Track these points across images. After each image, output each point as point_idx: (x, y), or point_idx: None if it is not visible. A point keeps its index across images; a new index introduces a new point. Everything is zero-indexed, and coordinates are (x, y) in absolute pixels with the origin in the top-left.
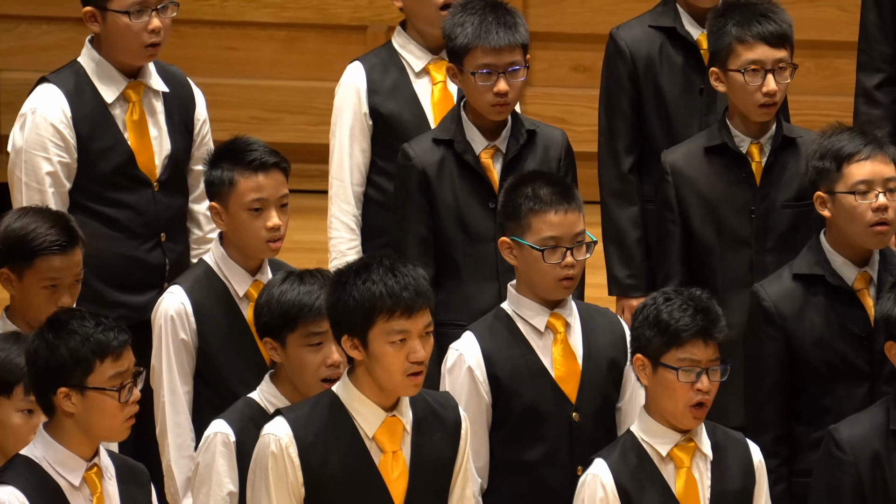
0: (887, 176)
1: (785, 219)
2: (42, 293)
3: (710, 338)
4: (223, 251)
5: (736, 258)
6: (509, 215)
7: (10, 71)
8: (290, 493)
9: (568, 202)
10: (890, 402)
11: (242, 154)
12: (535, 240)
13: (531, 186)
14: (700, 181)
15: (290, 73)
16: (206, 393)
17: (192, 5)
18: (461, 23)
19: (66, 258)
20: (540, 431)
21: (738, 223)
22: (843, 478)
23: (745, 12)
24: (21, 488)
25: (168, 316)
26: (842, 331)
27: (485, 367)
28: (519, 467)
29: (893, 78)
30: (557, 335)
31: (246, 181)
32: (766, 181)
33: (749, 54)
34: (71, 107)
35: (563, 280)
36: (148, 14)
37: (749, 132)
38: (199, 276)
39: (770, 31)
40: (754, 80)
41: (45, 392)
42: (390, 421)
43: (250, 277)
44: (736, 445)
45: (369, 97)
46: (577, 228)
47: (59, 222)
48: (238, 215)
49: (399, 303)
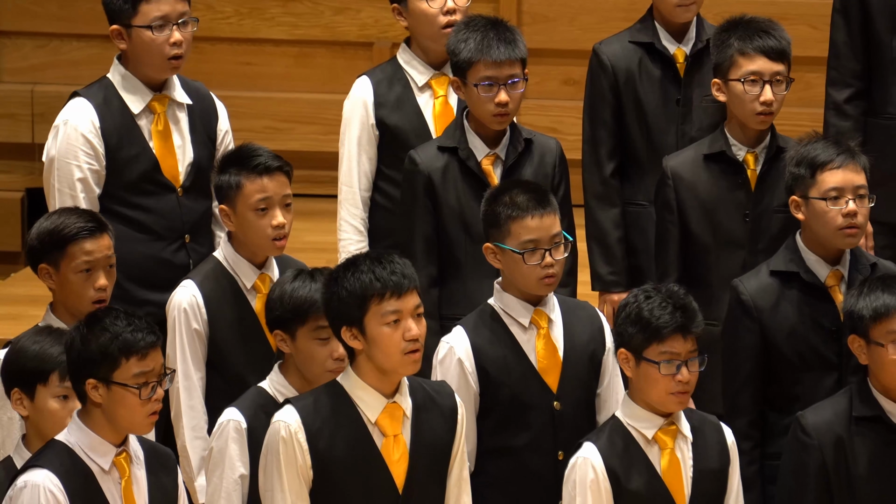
0: (857, 184)
1: (776, 222)
2: (78, 278)
3: (689, 332)
4: (232, 248)
5: (730, 258)
6: (491, 223)
7: (44, 84)
8: (300, 476)
9: (543, 207)
10: (853, 390)
11: (248, 160)
12: (516, 244)
13: (509, 195)
14: (698, 185)
15: (301, 87)
16: (216, 379)
17: (211, 23)
18: (464, 39)
19: (96, 241)
20: (524, 419)
21: (733, 225)
22: (809, 460)
23: (748, 27)
24: (55, 471)
25: (181, 308)
26: (813, 324)
27: (473, 359)
28: (504, 452)
29: (861, 92)
30: (540, 330)
31: (251, 184)
32: (760, 187)
33: (749, 65)
34: (100, 118)
35: (544, 279)
36: (169, 28)
37: (746, 141)
38: (209, 270)
39: (770, 45)
40: (753, 90)
41: (78, 381)
42: (391, 407)
43: (257, 271)
44: (711, 427)
45: (376, 109)
46: (554, 230)
47: (86, 213)
48: (245, 216)
49: (388, 285)
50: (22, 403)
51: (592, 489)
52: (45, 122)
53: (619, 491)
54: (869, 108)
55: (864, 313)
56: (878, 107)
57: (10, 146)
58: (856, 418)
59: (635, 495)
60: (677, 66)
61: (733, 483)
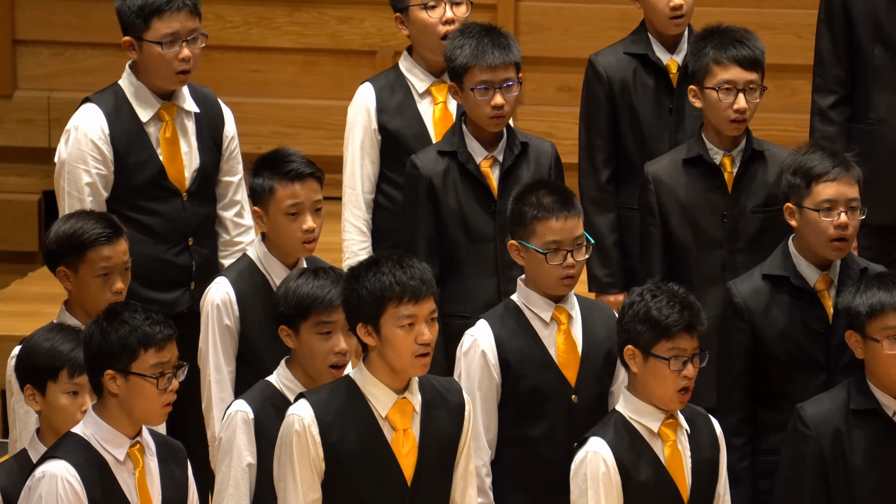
0: (850, 196)
1: (754, 223)
2: (96, 282)
3: (694, 330)
4: (265, 248)
5: (710, 258)
6: (516, 221)
7: (60, 91)
8: (313, 467)
9: (568, 210)
10: (851, 384)
11: (281, 165)
12: (539, 243)
13: (536, 195)
14: (678, 189)
15: (307, 93)
16: (245, 373)
17: (220, 33)
18: (460, 45)
19: (113, 247)
20: (542, 411)
21: (712, 226)
22: (807, 451)
23: (724, 37)
24: (72, 462)
25: (214, 304)
26: (803, 326)
27: (496, 351)
28: (522, 442)
29: (845, 98)
30: (561, 326)
31: (284, 189)
32: (736, 189)
33: (724, 74)
34: (109, 125)
35: (564, 279)
36: (179, 45)
37: (722, 145)
38: (243, 269)
39: (744, 55)
40: (727, 98)
41: (96, 373)
42: (401, 402)
43: (287, 270)
44: (703, 419)
45: (378, 115)
46: (577, 233)
47: (103, 218)
48: (277, 219)
49: (406, 290)
50: (34, 399)
51: (605, 482)
52: (61, 128)
53: (628, 483)
54: (852, 113)
55: (860, 310)
56: (861, 112)
57: (27, 150)
58: (853, 411)
59: (643, 486)
60: (670, 76)
61: (722, 471)
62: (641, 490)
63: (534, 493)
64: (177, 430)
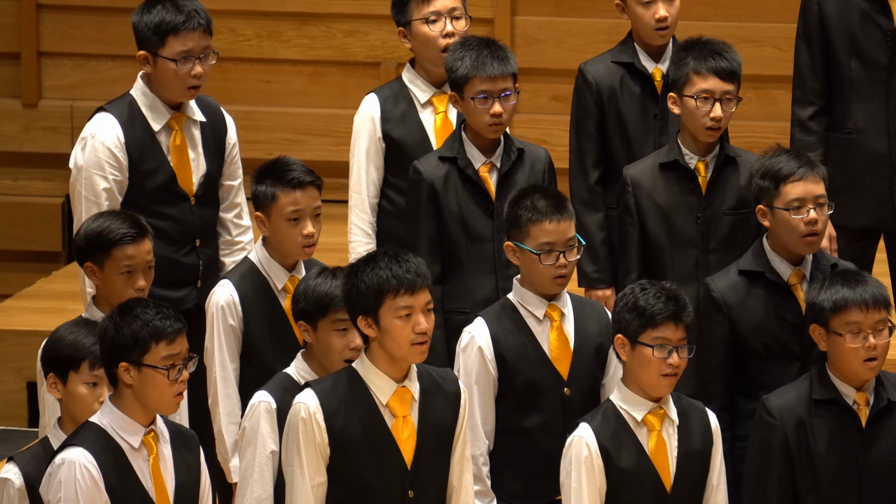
0: (817, 194)
1: (726, 224)
2: (120, 279)
3: (680, 320)
4: (266, 252)
5: (684, 257)
6: (512, 223)
7: (82, 100)
8: (318, 453)
9: (561, 213)
10: (813, 375)
11: (283, 173)
12: (534, 245)
13: (530, 199)
14: (655, 191)
15: (315, 102)
16: (248, 370)
17: (233, 45)
18: (461, 57)
19: (138, 246)
20: (537, 403)
21: (687, 227)
22: (773, 439)
23: (704, 49)
24: (90, 449)
25: (219, 305)
26: (778, 319)
27: (493, 347)
28: (519, 433)
29: (823, 109)
30: (554, 323)
31: (285, 196)
32: (710, 192)
33: (702, 84)
34: (124, 134)
35: (557, 278)
36: (192, 62)
37: (697, 151)
38: (245, 272)
39: (722, 66)
40: (704, 107)
41: (111, 365)
42: (401, 390)
43: (287, 273)
44: (697, 413)
45: (382, 124)
46: (569, 234)
47: (130, 218)
48: (278, 224)
49: (403, 283)
50: (56, 387)
51: (586, 465)
52: None
53: (610, 468)
54: (830, 123)
55: (824, 305)
56: (838, 122)
57: (52, 156)
58: (815, 401)
59: (625, 472)
60: (655, 83)
61: (716, 463)
62: (623, 475)
63: (530, 481)
64: (199, 422)
